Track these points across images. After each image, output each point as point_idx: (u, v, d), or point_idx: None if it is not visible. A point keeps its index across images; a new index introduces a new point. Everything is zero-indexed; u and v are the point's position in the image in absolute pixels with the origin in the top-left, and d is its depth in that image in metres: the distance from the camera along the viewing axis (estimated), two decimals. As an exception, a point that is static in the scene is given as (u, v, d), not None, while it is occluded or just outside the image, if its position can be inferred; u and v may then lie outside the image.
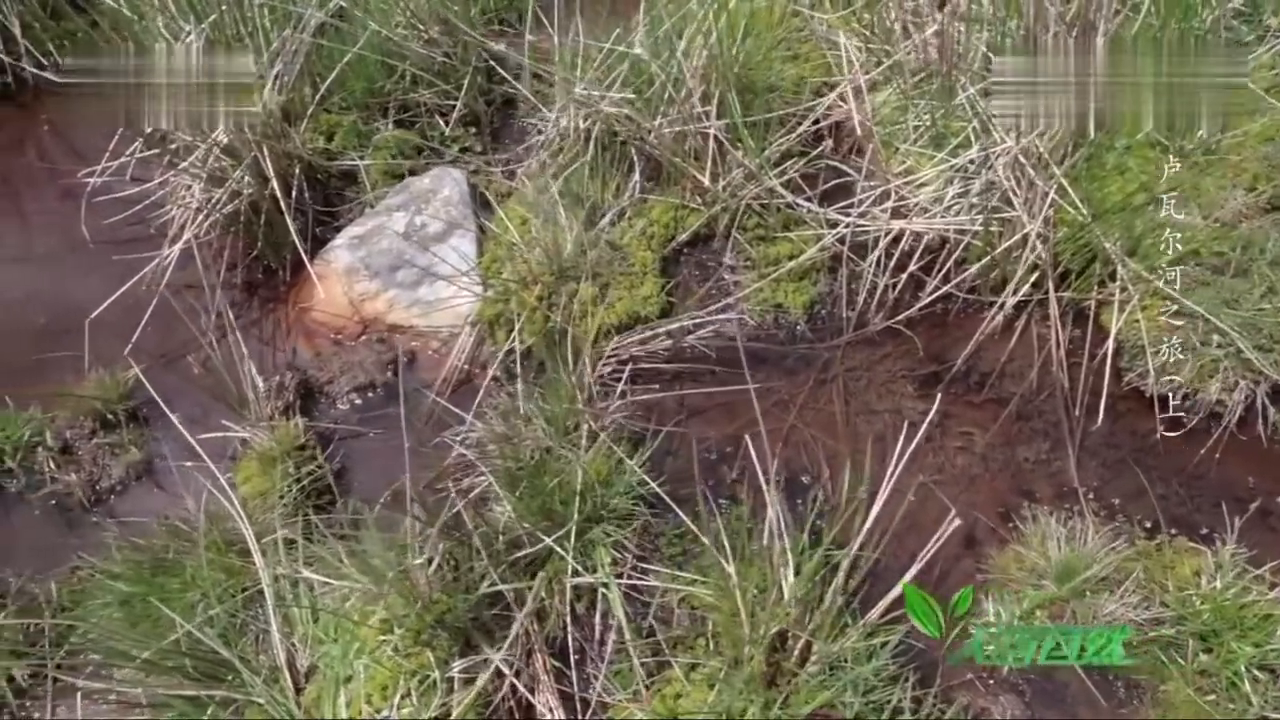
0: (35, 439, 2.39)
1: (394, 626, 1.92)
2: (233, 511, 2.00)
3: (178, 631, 1.86)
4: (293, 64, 2.64)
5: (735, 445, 2.36)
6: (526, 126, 2.84)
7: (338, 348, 2.53)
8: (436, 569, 1.88)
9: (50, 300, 2.71)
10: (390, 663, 1.85)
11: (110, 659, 1.87)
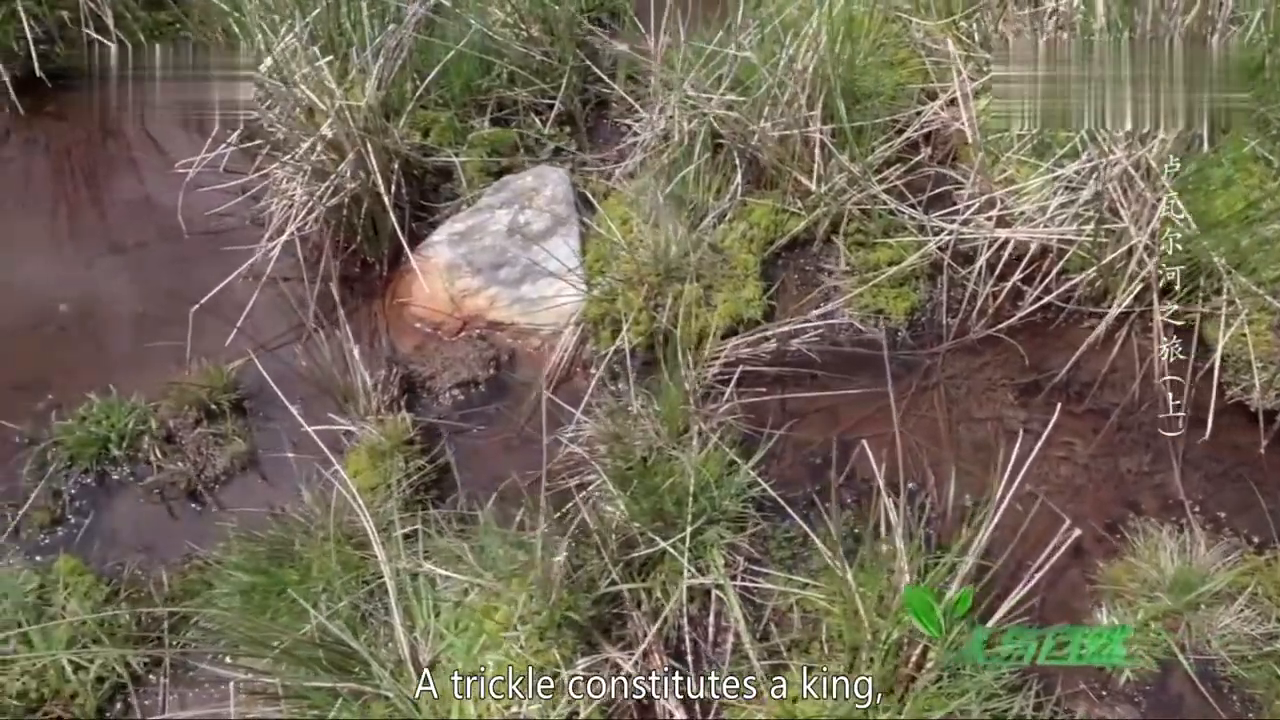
0: (140, 428, 2.40)
1: (516, 623, 1.92)
2: (353, 504, 2.00)
3: (310, 623, 1.86)
4: (394, 60, 2.65)
5: (839, 450, 2.37)
6: (620, 127, 2.85)
7: (438, 343, 2.54)
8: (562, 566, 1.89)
9: (148, 290, 2.72)
10: (518, 659, 1.86)
11: (243, 649, 1.88)
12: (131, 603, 2.16)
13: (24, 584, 2.12)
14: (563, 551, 1.85)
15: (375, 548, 1.97)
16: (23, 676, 2.05)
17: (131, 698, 2.08)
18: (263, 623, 1.88)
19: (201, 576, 2.19)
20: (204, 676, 2.01)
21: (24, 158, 3.02)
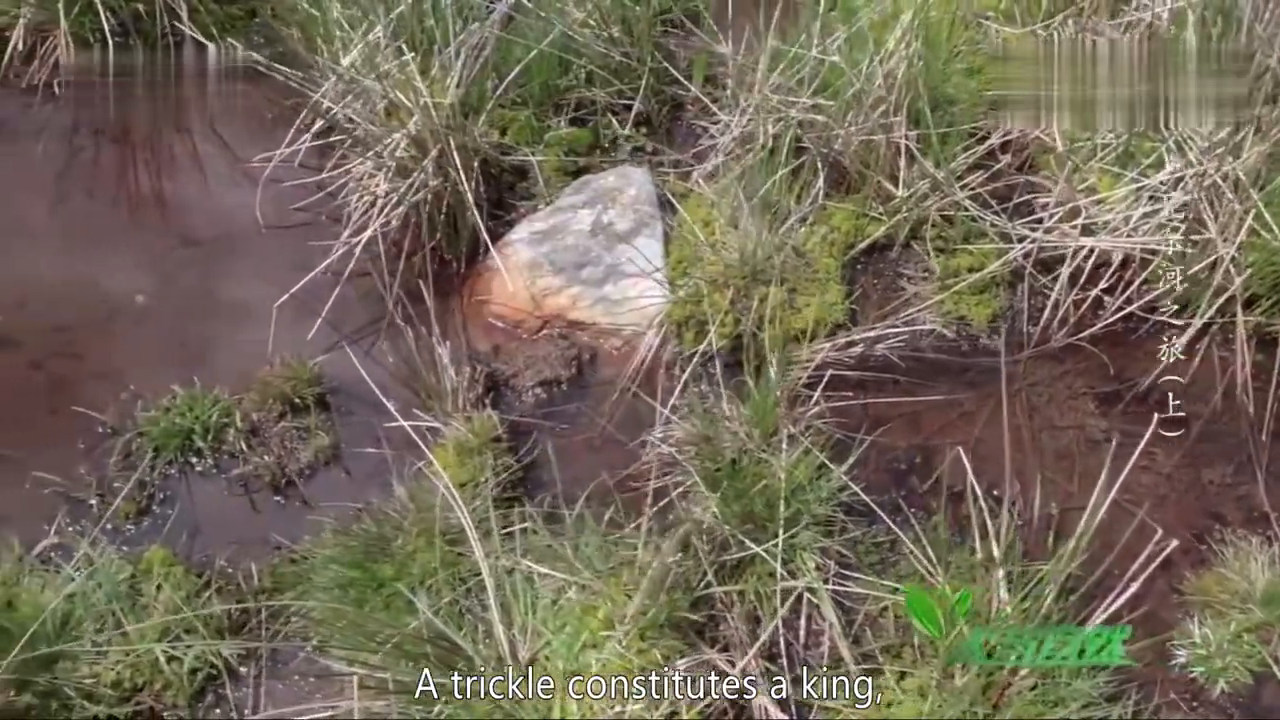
0: (224, 420, 2.41)
1: (617, 623, 1.93)
2: (450, 500, 2.01)
3: (411, 618, 1.87)
4: (476, 58, 2.66)
5: (922, 455, 2.37)
6: (695, 128, 2.85)
7: (519, 342, 2.54)
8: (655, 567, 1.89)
9: (225, 284, 2.73)
10: (621, 659, 1.86)
11: (349, 644, 1.89)
12: (220, 594, 2.17)
13: (116, 573, 2.13)
14: (675, 553, 1.85)
15: (473, 544, 1.97)
16: (117, 666, 2.06)
17: (223, 690, 2.09)
18: (374, 617, 1.89)
19: (292, 570, 2.20)
20: (310, 670, 2.02)
21: (96, 149, 3.03)
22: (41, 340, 2.65)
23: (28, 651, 1.97)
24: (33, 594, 2.09)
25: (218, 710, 2.08)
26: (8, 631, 2.00)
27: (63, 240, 2.84)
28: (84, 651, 2.05)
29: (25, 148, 3.02)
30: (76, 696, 2.01)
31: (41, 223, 2.88)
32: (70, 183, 2.96)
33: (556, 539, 2.02)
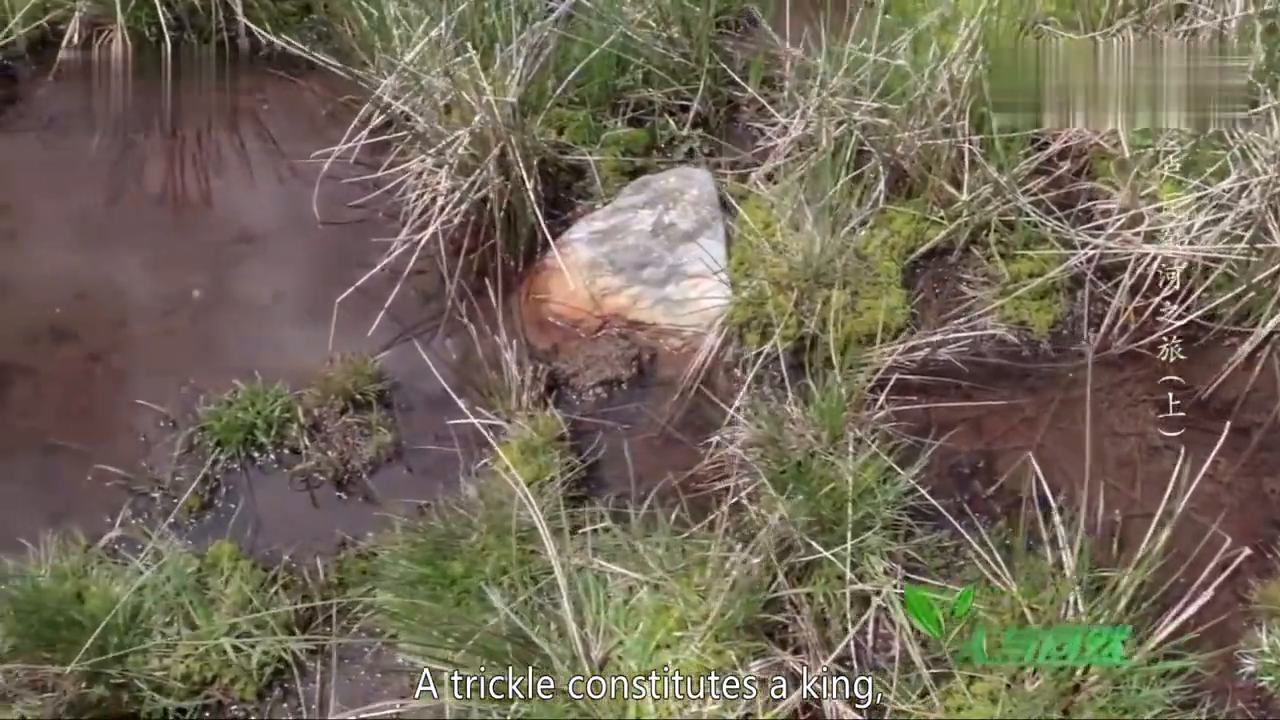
0: (286, 415, 2.42)
1: (690, 624, 1.93)
2: (522, 499, 2.01)
3: (480, 615, 1.87)
4: (536, 56, 2.66)
5: (985, 460, 2.37)
6: (752, 130, 2.85)
7: (578, 341, 2.55)
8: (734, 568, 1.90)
9: (281, 279, 2.74)
10: (697, 661, 1.86)
11: (427, 640, 1.89)
12: (287, 589, 2.17)
13: (185, 567, 2.13)
14: (759, 554, 1.85)
15: (545, 543, 1.97)
16: (186, 659, 2.06)
17: (291, 684, 2.09)
18: (454, 613, 1.89)
19: (359, 566, 2.20)
20: (379, 666, 2.02)
21: (150, 143, 3.03)
22: (99, 333, 2.66)
23: (97, 644, 1.98)
24: (102, 586, 2.09)
25: (285, 705, 2.09)
26: (79, 624, 2.01)
27: (119, 234, 2.85)
28: (154, 644, 2.06)
29: (80, 141, 3.02)
30: (147, 689, 2.01)
31: (97, 216, 2.88)
32: (124, 177, 2.96)
33: (628, 538, 2.01)
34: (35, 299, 2.71)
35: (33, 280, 2.75)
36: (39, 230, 2.85)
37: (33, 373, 2.60)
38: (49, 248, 2.81)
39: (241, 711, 2.07)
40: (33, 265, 2.78)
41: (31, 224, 2.85)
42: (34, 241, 2.82)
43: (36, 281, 2.75)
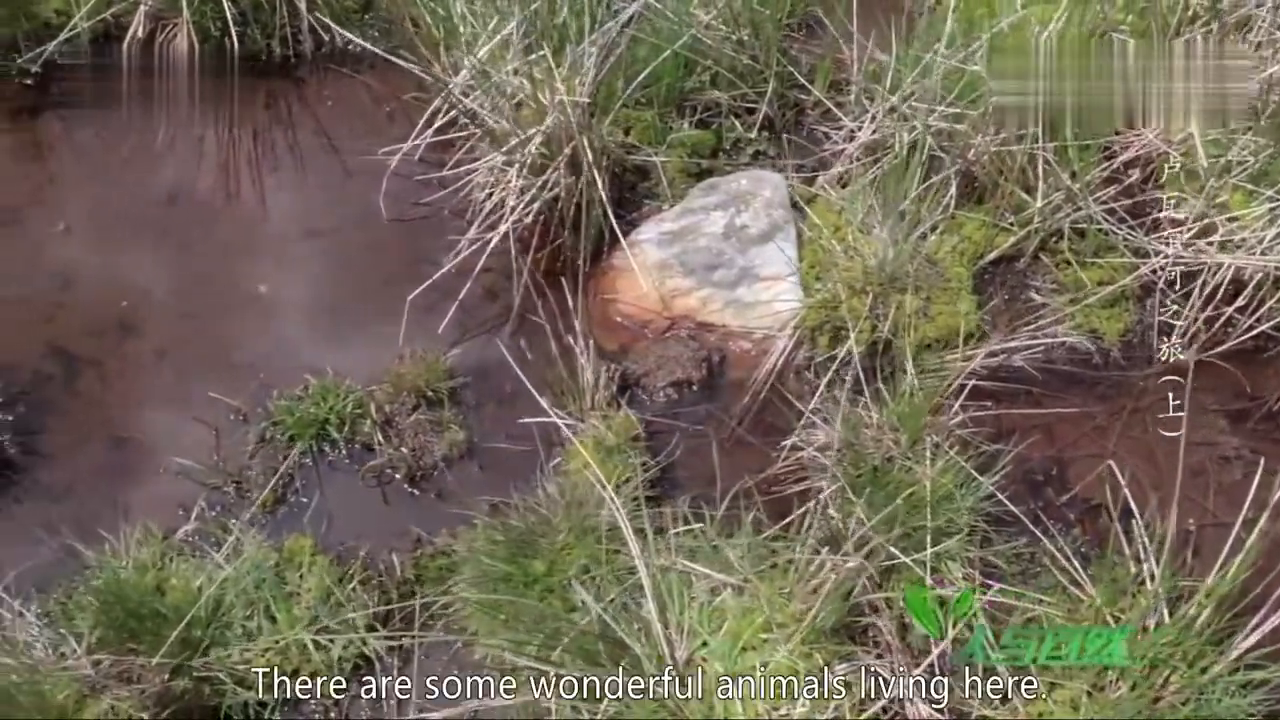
0: (357, 411, 2.42)
1: (775, 626, 1.93)
2: (607, 499, 2.02)
3: (575, 615, 1.88)
4: (606, 56, 2.66)
5: (1057, 467, 2.38)
6: (817, 133, 2.85)
7: (648, 342, 2.55)
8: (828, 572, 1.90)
9: (348, 275, 2.74)
10: (786, 663, 1.87)
11: (515, 638, 1.90)
12: (364, 585, 2.17)
13: (264, 561, 2.14)
14: (857, 558, 1.86)
15: (630, 543, 1.98)
16: (266, 653, 2.07)
17: (371, 680, 2.10)
18: (545, 609, 1.90)
19: (436, 563, 2.21)
20: (457, 662, 2.03)
21: (215, 139, 3.04)
22: (165, 327, 2.67)
23: (180, 636, 1.99)
24: (183, 579, 2.10)
25: (364, 701, 2.09)
26: (162, 616, 2.02)
27: (183, 228, 2.86)
28: (235, 637, 2.06)
29: (144, 136, 3.03)
30: (229, 682, 2.02)
31: (160, 211, 2.89)
32: (188, 171, 2.97)
33: (714, 539, 2.02)
34: (101, 293, 2.72)
35: (98, 274, 2.76)
36: (103, 225, 2.85)
37: (100, 366, 2.61)
38: (114, 242, 2.82)
39: (320, 707, 2.08)
40: (97, 259, 2.79)
41: (95, 219, 2.86)
42: (98, 236, 2.83)
43: (102, 275, 2.76)
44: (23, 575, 2.18)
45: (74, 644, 1.93)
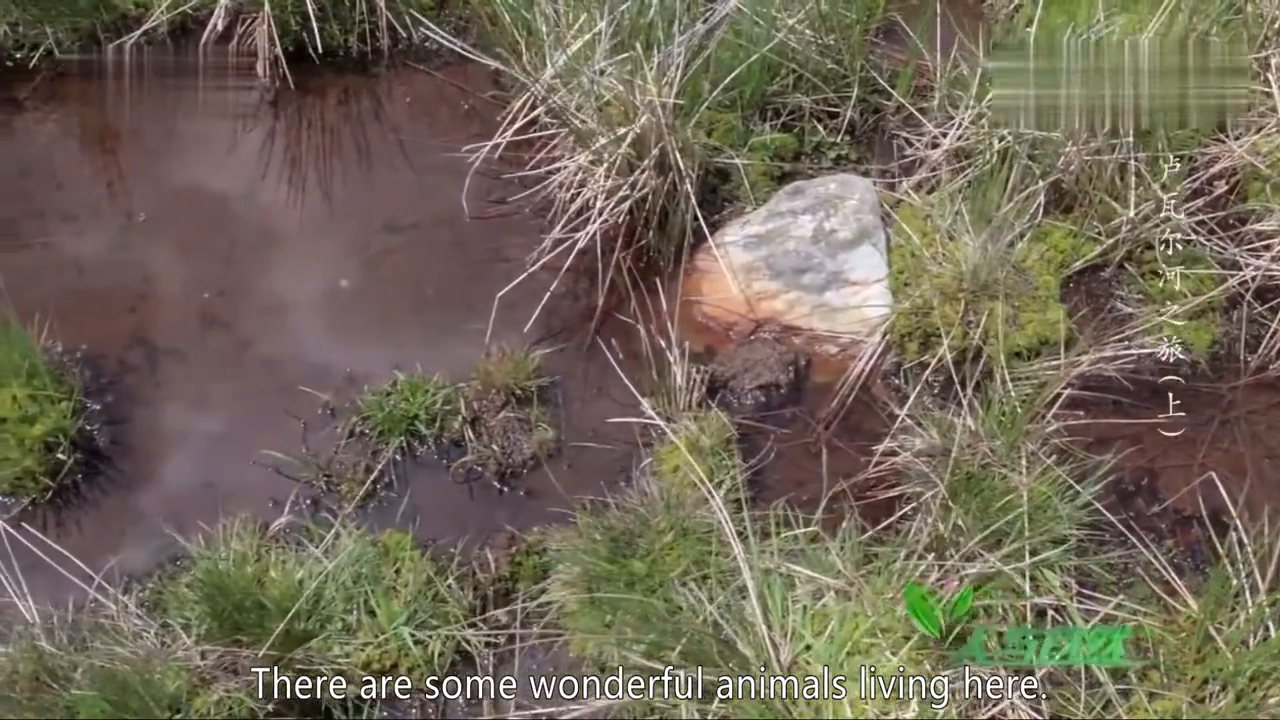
0: (446, 407, 2.43)
1: (879, 630, 1.94)
2: (710, 501, 2.02)
3: (676, 615, 1.89)
4: (694, 57, 2.66)
5: (1147, 477, 2.38)
6: (898, 139, 2.86)
7: (731, 344, 2.56)
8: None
9: (430, 271, 2.75)
10: (892, 668, 1.87)
11: (623, 637, 1.90)
12: (459, 581, 2.18)
13: (363, 554, 2.15)
14: (977, 566, 1.86)
15: (733, 545, 1.98)
16: (365, 647, 2.08)
17: (468, 677, 2.11)
18: (654, 610, 1.90)
19: (531, 561, 2.21)
20: (553, 659, 2.04)
21: (294, 133, 3.05)
22: (247, 320, 2.68)
23: (283, 629, 2.00)
24: (285, 571, 2.11)
25: (460, 697, 2.10)
26: (265, 608, 2.02)
27: (263, 221, 2.87)
28: (335, 630, 2.07)
29: (222, 128, 3.04)
30: (330, 675, 2.03)
31: (240, 204, 2.90)
32: (267, 165, 2.98)
33: (814, 542, 2.02)
34: (182, 285, 2.73)
35: (178, 266, 2.77)
36: (182, 217, 2.86)
37: (183, 357, 2.62)
38: (193, 234, 2.83)
39: (418, 701, 2.09)
40: (177, 251, 2.80)
41: (174, 211, 2.87)
42: (178, 228, 2.84)
43: (182, 267, 2.77)
44: (117, 566, 2.20)
45: (182, 634, 1.93)
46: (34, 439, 2.35)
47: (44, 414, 2.39)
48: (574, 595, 2.06)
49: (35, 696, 1.82)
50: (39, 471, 2.34)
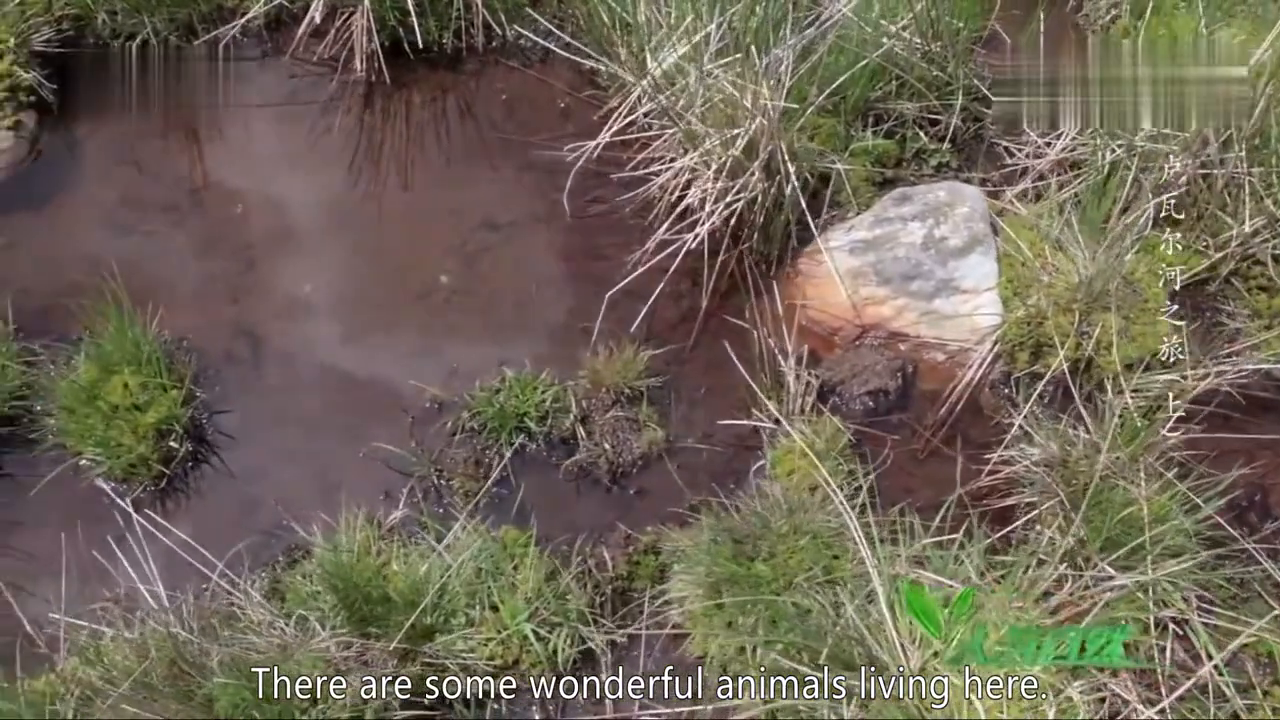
0: (556, 405, 2.43)
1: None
2: (838, 505, 2.02)
3: (802, 618, 1.89)
4: (802, 61, 2.67)
5: (1260, 493, 2.37)
6: (997, 148, 2.86)
7: (838, 349, 2.56)
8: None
9: (529, 268, 2.75)
10: (1028, 675, 1.87)
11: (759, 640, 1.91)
12: (578, 579, 2.18)
13: (483, 550, 2.15)
14: (1125, 579, 1.86)
15: (861, 549, 1.99)
16: (489, 642, 2.08)
17: (588, 673, 2.11)
18: (781, 613, 1.91)
19: (648, 560, 2.22)
20: (669, 659, 2.05)
21: (389, 127, 3.06)
22: (349, 313, 2.69)
23: (408, 622, 2.00)
24: (410, 565, 2.11)
25: (582, 694, 2.10)
26: (390, 601, 2.03)
27: (359, 214, 2.88)
28: (459, 625, 2.08)
29: (318, 122, 3.05)
30: (454, 670, 2.03)
31: (337, 198, 2.90)
32: (362, 157, 2.99)
33: (943, 549, 2.03)
34: (283, 276, 2.74)
35: (278, 258, 2.78)
36: (280, 209, 2.87)
37: (287, 349, 2.63)
38: (292, 227, 2.84)
39: (538, 697, 2.09)
40: (276, 243, 2.81)
41: (272, 203, 2.88)
42: (277, 220, 2.85)
43: (282, 259, 2.78)
44: (234, 555, 2.21)
45: (316, 626, 1.94)
46: (146, 426, 2.36)
47: (155, 402, 2.40)
48: (699, 595, 2.06)
49: (173, 684, 1.83)
50: (152, 459, 2.36)
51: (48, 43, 3.02)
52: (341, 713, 1.85)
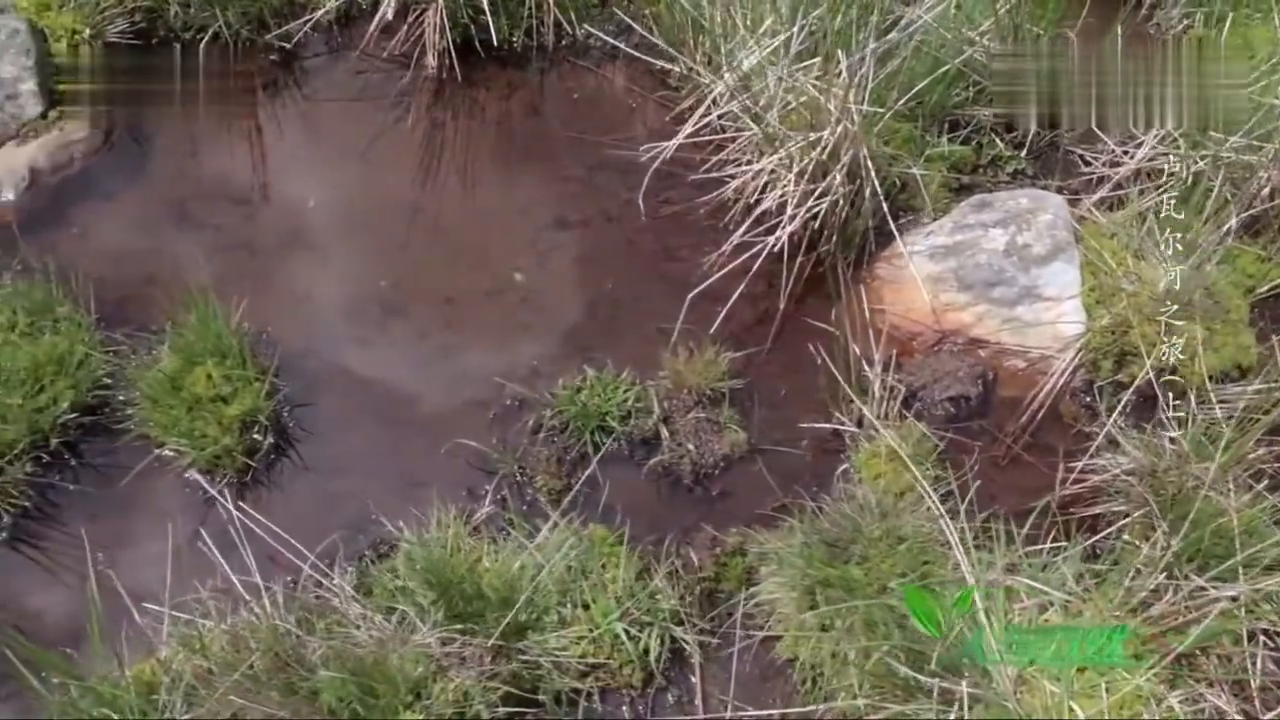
0: (638, 405, 2.43)
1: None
2: (934, 509, 2.02)
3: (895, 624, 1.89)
4: (883, 67, 2.66)
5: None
6: (1073, 156, 2.86)
7: (918, 354, 2.56)
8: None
9: (602, 267, 2.75)
10: (1125, 686, 1.87)
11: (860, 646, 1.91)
12: (667, 579, 2.18)
13: (573, 549, 2.15)
14: (1234, 588, 1.86)
15: (959, 556, 1.98)
16: (580, 640, 2.08)
17: (677, 674, 2.11)
18: (879, 617, 1.91)
19: (736, 562, 2.22)
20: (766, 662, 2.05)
21: (461, 124, 3.06)
22: (426, 309, 2.69)
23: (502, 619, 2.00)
24: (502, 561, 2.11)
25: (670, 695, 2.11)
26: (484, 597, 2.03)
27: (432, 211, 2.88)
28: (551, 623, 2.08)
29: (389, 118, 3.05)
30: (546, 667, 2.03)
31: (409, 195, 2.90)
32: (435, 154, 2.99)
33: (1044, 557, 2.03)
34: (358, 272, 2.75)
35: (352, 253, 2.79)
36: (352, 205, 2.87)
37: (364, 344, 2.63)
38: (365, 223, 2.84)
39: (628, 697, 2.09)
40: (350, 239, 2.81)
41: (344, 199, 2.88)
42: (349, 216, 2.85)
43: (356, 255, 2.79)
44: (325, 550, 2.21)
45: (417, 621, 1.94)
46: (231, 418, 2.37)
47: (239, 393, 2.40)
48: (792, 598, 2.06)
49: (276, 677, 1.83)
50: (237, 450, 2.36)
51: (121, 34, 3.02)
52: (445, 709, 1.84)
